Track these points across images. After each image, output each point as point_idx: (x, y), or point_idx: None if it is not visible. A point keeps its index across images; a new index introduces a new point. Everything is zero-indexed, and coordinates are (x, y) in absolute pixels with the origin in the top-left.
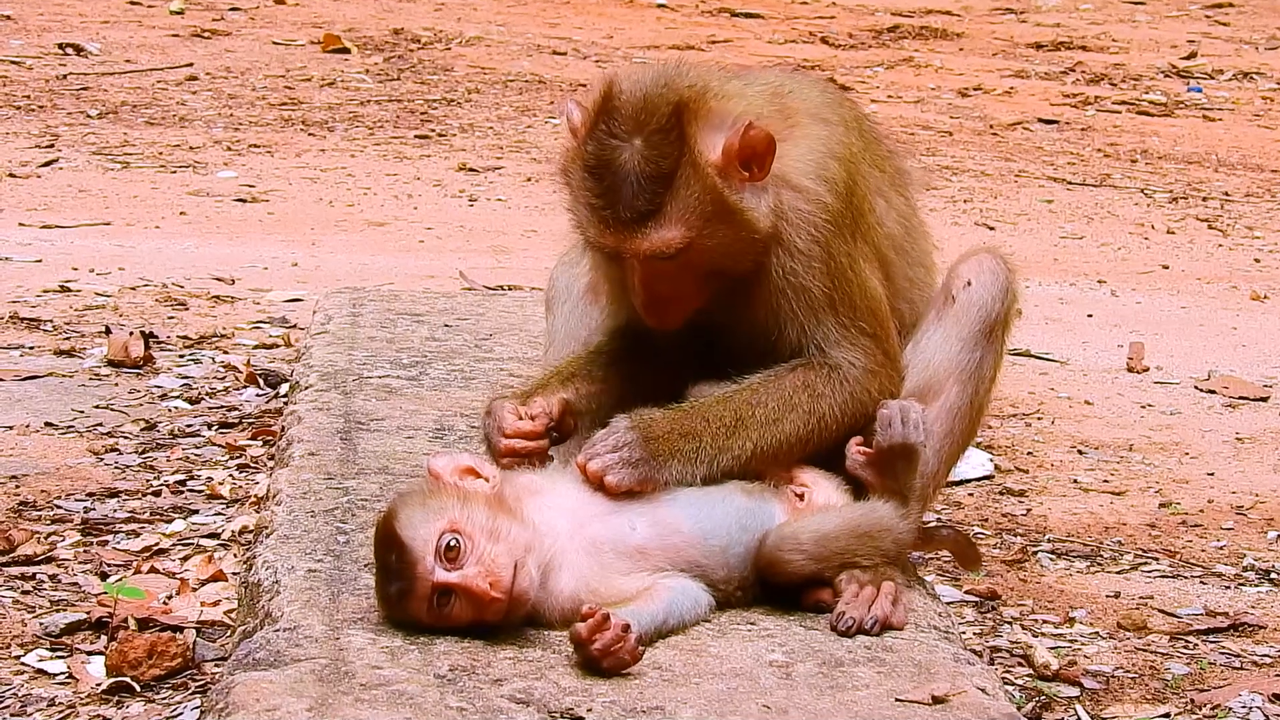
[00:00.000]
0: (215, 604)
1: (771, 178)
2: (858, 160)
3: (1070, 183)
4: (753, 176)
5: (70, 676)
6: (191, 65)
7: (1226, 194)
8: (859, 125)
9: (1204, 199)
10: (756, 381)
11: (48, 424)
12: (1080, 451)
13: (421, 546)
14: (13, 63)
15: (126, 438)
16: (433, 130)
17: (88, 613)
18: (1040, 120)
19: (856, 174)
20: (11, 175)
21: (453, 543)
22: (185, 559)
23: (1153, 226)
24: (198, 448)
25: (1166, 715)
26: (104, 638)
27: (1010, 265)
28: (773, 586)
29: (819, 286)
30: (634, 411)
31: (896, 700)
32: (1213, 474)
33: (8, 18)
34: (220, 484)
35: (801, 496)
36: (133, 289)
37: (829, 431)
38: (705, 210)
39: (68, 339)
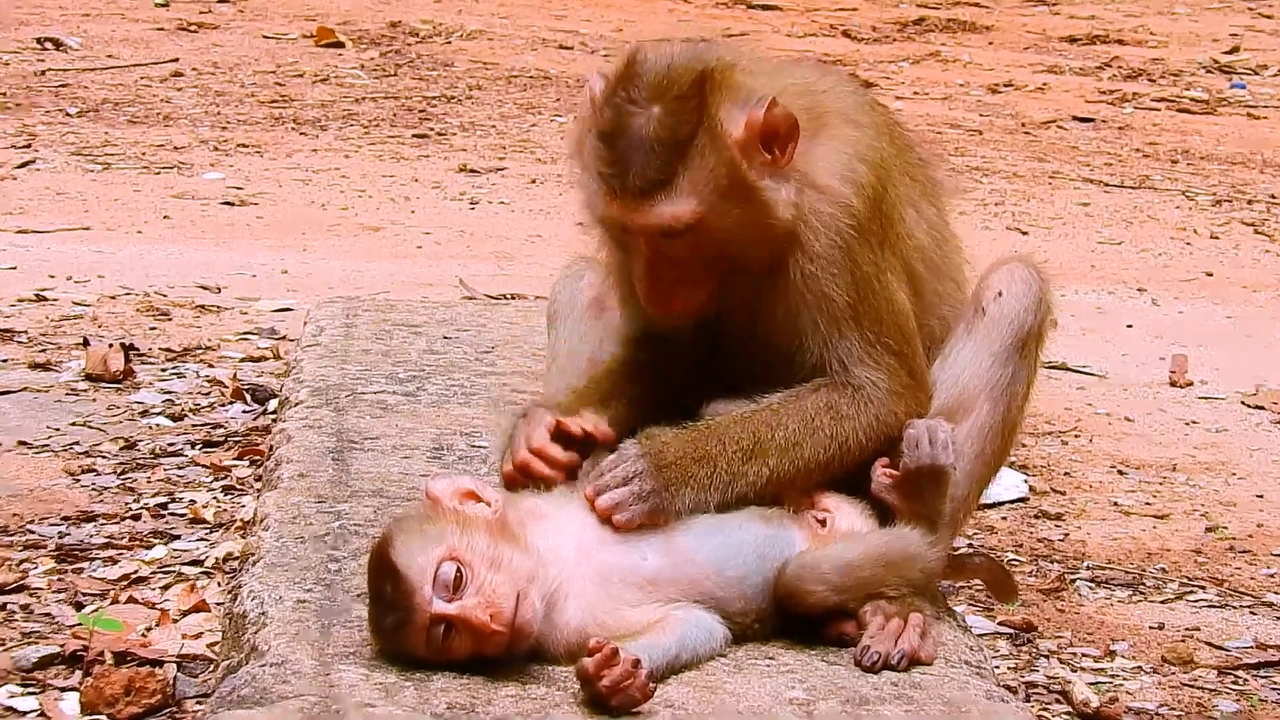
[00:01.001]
0: (197, 636)
1: (796, 175)
2: (889, 167)
3: (1107, 184)
4: (774, 160)
5: (42, 714)
6: (177, 60)
7: (1273, 196)
8: (890, 131)
9: (1249, 201)
10: (776, 402)
11: (21, 442)
12: (1120, 472)
13: (418, 575)
14: None
15: (104, 457)
16: (431, 129)
17: (62, 645)
18: (1075, 118)
19: (887, 181)
20: None
21: (451, 571)
22: (166, 588)
23: (1195, 231)
24: (180, 468)
25: None
26: (79, 673)
27: (1043, 274)
28: (793, 618)
29: (841, 296)
30: (644, 434)
31: None
32: (1262, 496)
33: None
34: (204, 507)
35: (823, 523)
36: (112, 298)
37: (851, 455)
38: (720, 185)
39: (43, 351)
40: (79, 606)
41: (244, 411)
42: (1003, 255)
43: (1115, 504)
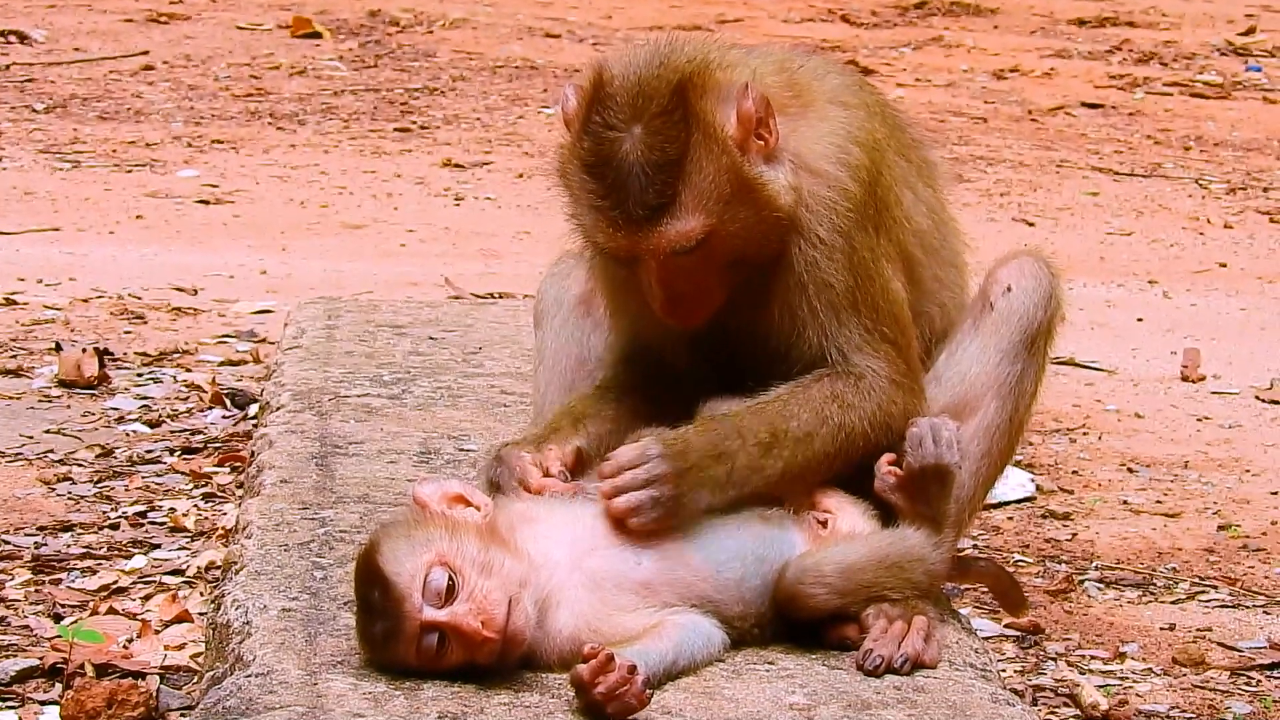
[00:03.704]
0: (180, 647)
1: (788, 156)
2: (882, 148)
3: (1117, 173)
4: (766, 144)
5: None
6: (147, 53)
7: None
8: (881, 111)
9: (1265, 189)
10: (785, 393)
11: None
12: (1130, 469)
13: (407, 582)
14: None
15: (81, 465)
16: (414, 122)
17: (40, 658)
18: (1084, 104)
19: (881, 162)
20: None
21: (442, 578)
22: (147, 598)
23: (1209, 220)
24: (159, 475)
25: None
26: (59, 686)
27: (1054, 269)
28: (793, 622)
29: (841, 282)
30: (662, 433)
31: None
32: (1276, 493)
33: None
34: (184, 515)
35: (824, 523)
36: (85, 301)
37: (857, 448)
38: (723, 192)
39: (14, 357)
40: (58, 618)
41: (224, 417)
42: (1012, 249)
43: (1125, 502)
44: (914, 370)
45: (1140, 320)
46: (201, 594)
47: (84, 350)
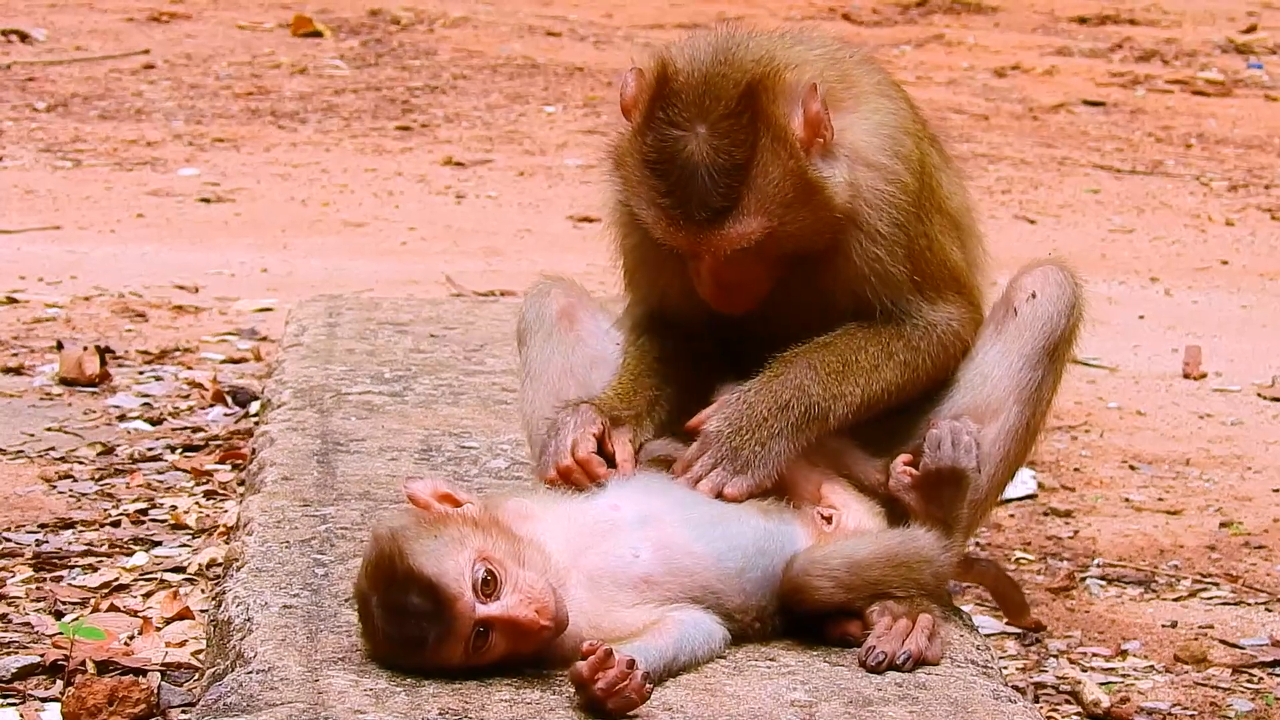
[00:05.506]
0: (181, 644)
1: (843, 151)
2: (922, 136)
3: (1119, 170)
4: (825, 142)
5: None
6: (148, 52)
7: None
8: (911, 103)
9: (1266, 186)
10: (852, 328)
11: None
12: (1132, 467)
13: (455, 581)
14: None
15: (82, 463)
16: (415, 121)
17: (42, 655)
18: (1085, 102)
19: (924, 150)
20: None
21: (488, 573)
22: (148, 595)
23: (1210, 218)
24: (160, 473)
25: None
26: (60, 683)
27: (1078, 279)
28: (796, 616)
29: (902, 270)
30: (723, 406)
31: None
32: (1278, 490)
33: None
34: (185, 513)
35: (829, 519)
36: (86, 299)
37: (920, 384)
38: (786, 196)
39: (15, 355)
40: (59, 615)
41: (225, 414)
42: (1035, 258)
43: (1127, 500)
44: (978, 313)
45: (1142, 317)
46: (203, 591)
47: (85, 348)
